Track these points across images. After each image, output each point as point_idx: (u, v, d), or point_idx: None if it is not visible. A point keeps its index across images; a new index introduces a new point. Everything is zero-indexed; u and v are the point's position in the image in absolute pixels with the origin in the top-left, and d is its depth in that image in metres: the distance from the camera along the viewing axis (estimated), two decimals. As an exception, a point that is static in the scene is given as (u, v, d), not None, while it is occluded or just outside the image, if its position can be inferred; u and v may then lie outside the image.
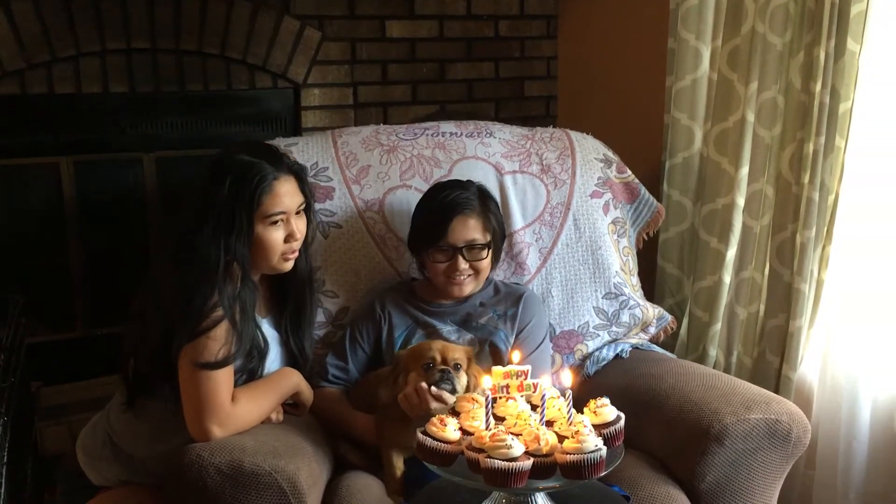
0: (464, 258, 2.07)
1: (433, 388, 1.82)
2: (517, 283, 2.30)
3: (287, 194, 1.87)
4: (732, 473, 1.92)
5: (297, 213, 1.91)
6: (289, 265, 1.93)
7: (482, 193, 2.16)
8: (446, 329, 2.12)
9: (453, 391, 1.82)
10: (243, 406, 1.81)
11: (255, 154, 1.87)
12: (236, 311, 1.80)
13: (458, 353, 1.91)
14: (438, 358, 1.87)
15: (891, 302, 2.33)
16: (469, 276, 2.10)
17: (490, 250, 2.12)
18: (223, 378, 1.77)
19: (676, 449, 1.97)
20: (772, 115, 2.44)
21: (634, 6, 3.03)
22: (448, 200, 2.09)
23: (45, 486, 2.45)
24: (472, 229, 2.08)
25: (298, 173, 1.93)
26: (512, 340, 2.14)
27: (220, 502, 1.67)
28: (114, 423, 1.97)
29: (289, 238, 1.89)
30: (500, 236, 2.17)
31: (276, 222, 1.86)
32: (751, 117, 2.44)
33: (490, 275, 2.20)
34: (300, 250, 1.97)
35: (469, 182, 2.19)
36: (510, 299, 2.19)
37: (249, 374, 1.89)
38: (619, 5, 3.11)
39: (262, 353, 1.91)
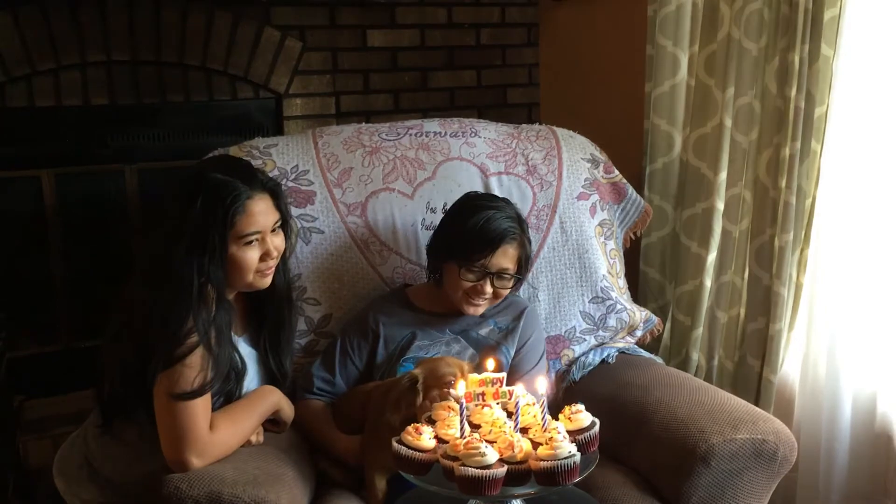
0: (491, 283, 2.04)
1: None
2: (517, 296, 2.26)
3: (261, 213, 1.82)
4: (718, 493, 1.90)
5: (273, 230, 1.86)
6: (266, 281, 1.88)
7: (520, 218, 2.11)
8: (445, 338, 2.10)
9: None
10: (222, 432, 1.76)
11: (228, 172, 1.82)
12: (212, 336, 1.75)
13: (468, 367, 1.86)
14: (460, 375, 1.80)
15: (868, 304, 2.34)
16: (488, 299, 2.06)
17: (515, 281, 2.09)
18: (200, 407, 1.72)
19: (662, 468, 1.96)
20: (748, 121, 2.46)
21: (613, 13, 3.05)
22: (495, 226, 2.02)
23: (29, 499, 2.44)
24: (509, 258, 2.04)
25: (273, 189, 1.88)
26: (512, 355, 2.13)
27: (201, 536, 1.63)
28: (90, 444, 1.92)
29: (264, 257, 1.84)
30: (526, 267, 2.13)
31: (250, 242, 1.81)
32: (728, 122, 2.46)
33: None
34: (278, 265, 1.92)
35: (507, 203, 2.13)
36: (511, 312, 2.17)
37: (227, 396, 1.85)
38: (598, 12, 3.13)
39: (240, 375, 1.87)
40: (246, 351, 1.93)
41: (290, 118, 3.02)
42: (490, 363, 1.68)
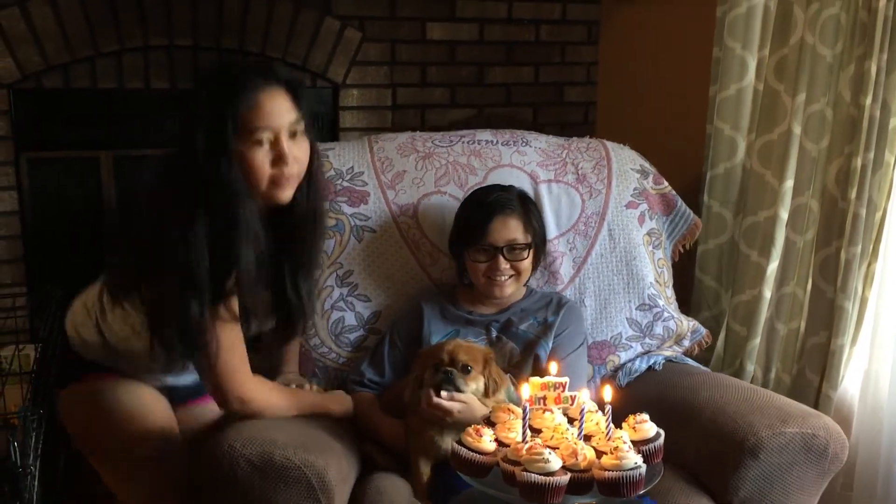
0: (504, 258, 2.07)
1: (433, 398, 1.83)
2: (563, 295, 2.28)
3: (274, 109, 1.60)
4: (767, 488, 1.88)
5: (293, 135, 1.64)
6: (285, 194, 1.66)
7: (522, 196, 2.17)
8: (491, 336, 2.12)
9: (458, 390, 1.83)
10: (268, 389, 1.82)
11: (244, 65, 1.70)
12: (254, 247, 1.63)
13: (473, 353, 1.89)
14: (446, 359, 1.86)
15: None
16: (510, 276, 2.09)
17: (531, 251, 2.11)
18: (235, 338, 1.72)
19: (710, 461, 1.95)
20: (819, 128, 2.39)
21: (679, 13, 2.99)
22: (489, 201, 2.10)
23: (77, 478, 2.46)
24: (512, 229, 2.08)
25: (291, 84, 1.65)
26: (549, 348, 2.12)
27: (249, 493, 1.69)
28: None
29: (277, 161, 1.61)
30: (540, 238, 2.17)
31: (260, 141, 1.60)
32: (797, 129, 2.39)
33: (531, 282, 2.21)
34: (304, 182, 1.70)
35: (510, 186, 2.21)
36: (552, 308, 2.18)
37: None
38: (662, 12, 3.06)
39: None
40: None
41: (345, 108, 3.00)
42: (553, 367, 1.65)
